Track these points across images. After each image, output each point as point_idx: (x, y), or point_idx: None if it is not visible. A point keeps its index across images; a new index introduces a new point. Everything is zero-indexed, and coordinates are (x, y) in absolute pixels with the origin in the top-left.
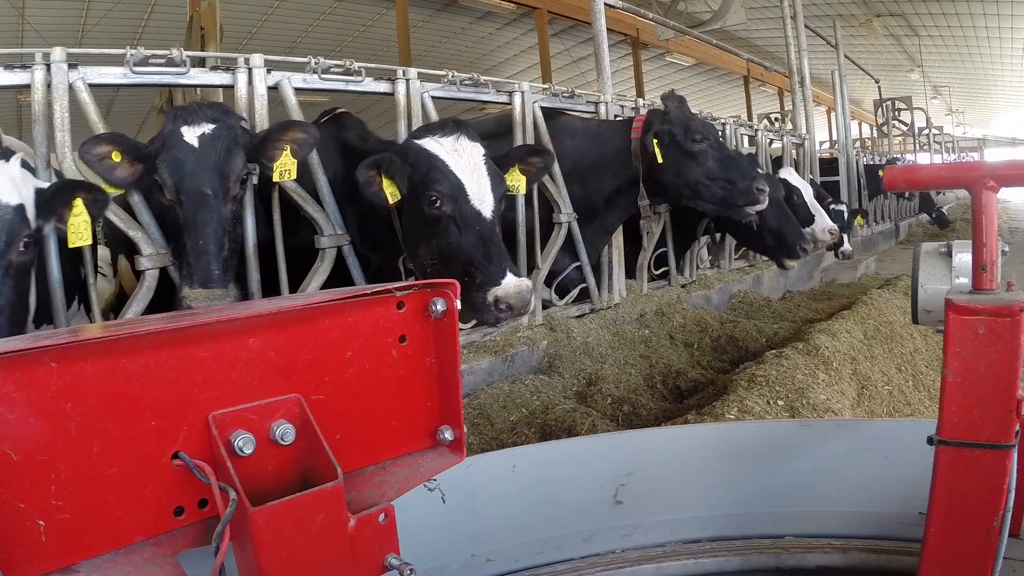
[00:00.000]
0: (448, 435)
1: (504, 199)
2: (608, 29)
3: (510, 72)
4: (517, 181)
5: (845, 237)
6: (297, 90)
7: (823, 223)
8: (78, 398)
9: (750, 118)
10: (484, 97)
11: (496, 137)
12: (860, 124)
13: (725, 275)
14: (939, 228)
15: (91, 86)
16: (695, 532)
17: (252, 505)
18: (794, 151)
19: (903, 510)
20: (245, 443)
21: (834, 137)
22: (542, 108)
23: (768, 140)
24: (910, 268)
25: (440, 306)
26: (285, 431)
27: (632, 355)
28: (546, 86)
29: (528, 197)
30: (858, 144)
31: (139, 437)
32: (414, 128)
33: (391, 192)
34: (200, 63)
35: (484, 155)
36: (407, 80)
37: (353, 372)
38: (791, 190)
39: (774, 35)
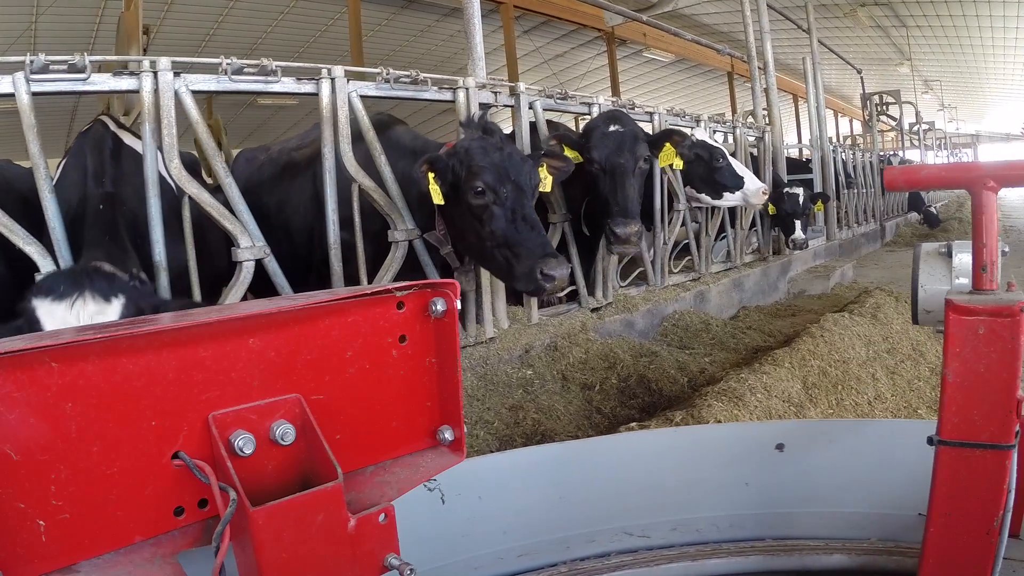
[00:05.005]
0: (448, 435)
1: None
2: (580, 24)
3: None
4: None
5: (798, 225)
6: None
7: (753, 184)
8: (78, 398)
9: (734, 114)
10: (276, 88)
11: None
12: (851, 121)
13: (655, 293)
14: (929, 228)
15: None
16: (697, 535)
17: (252, 505)
18: (755, 146)
19: (902, 511)
20: (245, 443)
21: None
22: (364, 99)
23: (711, 132)
24: (892, 275)
25: (440, 306)
26: (285, 431)
27: (498, 407)
28: (378, 70)
29: (347, 212)
30: (848, 141)
31: (139, 437)
32: (165, 134)
33: None
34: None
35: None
36: (156, 73)
37: (353, 372)
38: (712, 153)
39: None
